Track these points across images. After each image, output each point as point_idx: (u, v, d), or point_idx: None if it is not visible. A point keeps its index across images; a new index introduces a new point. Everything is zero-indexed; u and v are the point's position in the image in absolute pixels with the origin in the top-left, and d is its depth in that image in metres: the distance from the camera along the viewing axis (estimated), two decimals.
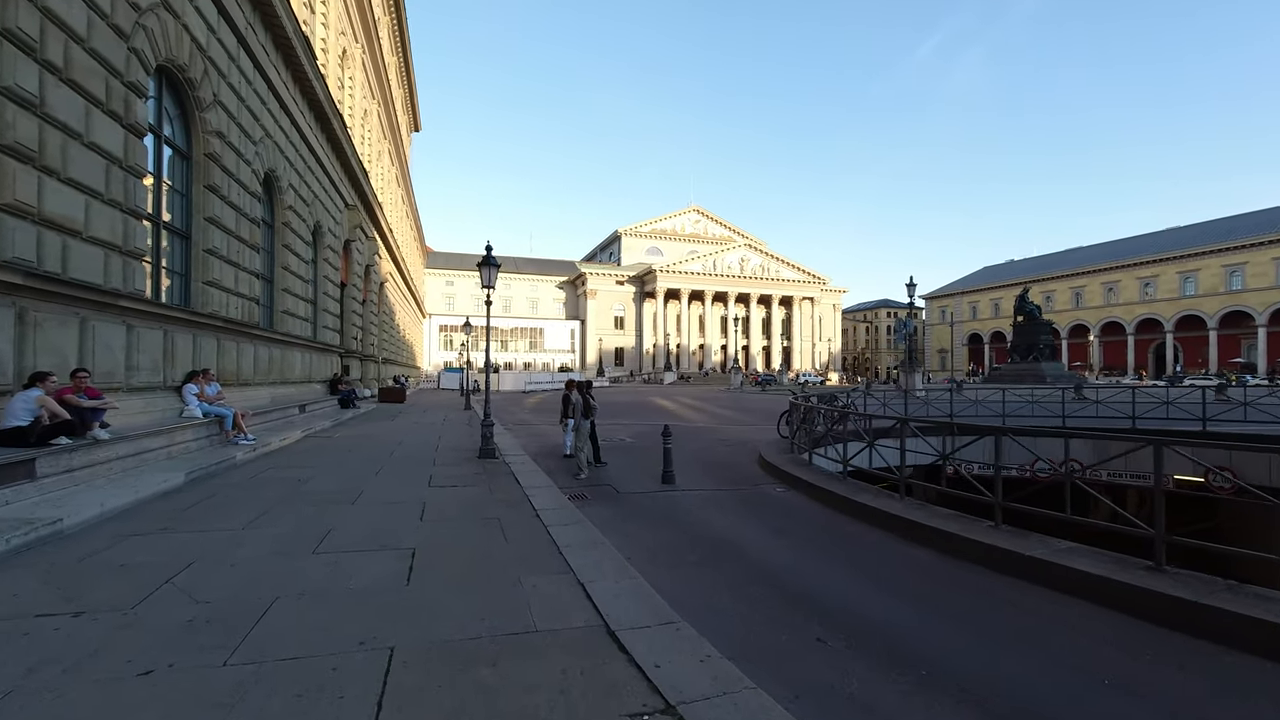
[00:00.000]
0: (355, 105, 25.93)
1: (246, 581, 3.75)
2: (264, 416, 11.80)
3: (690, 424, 17.65)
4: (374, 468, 8.36)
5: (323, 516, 5.54)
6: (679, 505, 7.02)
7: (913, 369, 28.85)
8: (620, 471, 9.33)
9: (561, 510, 6.04)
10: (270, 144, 13.62)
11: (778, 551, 5.37)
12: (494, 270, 10.08)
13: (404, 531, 5.08)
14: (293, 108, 15.08)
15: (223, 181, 10.97)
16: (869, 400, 14.63)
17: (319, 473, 7.81)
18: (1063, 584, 4.21)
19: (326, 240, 19.60)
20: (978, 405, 14.41)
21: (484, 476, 7.95)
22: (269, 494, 6.44)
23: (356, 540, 4.79)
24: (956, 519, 5.35)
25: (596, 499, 7.39)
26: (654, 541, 5.47)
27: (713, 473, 9.27)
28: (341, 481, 7.26)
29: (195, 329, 9.78)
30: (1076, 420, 13.06)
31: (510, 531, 5.16)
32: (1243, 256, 61.72)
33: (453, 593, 3.65)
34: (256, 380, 12.60)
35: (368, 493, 6.67)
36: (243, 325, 11.79)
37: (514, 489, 7.16)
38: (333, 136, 19.20)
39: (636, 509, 6.78)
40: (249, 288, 12.35)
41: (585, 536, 5.07)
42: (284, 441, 10.51)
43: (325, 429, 13.48)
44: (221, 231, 11.00)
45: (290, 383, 15.07)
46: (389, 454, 9.90)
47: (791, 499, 7.31)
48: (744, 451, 11.44)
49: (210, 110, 10.41)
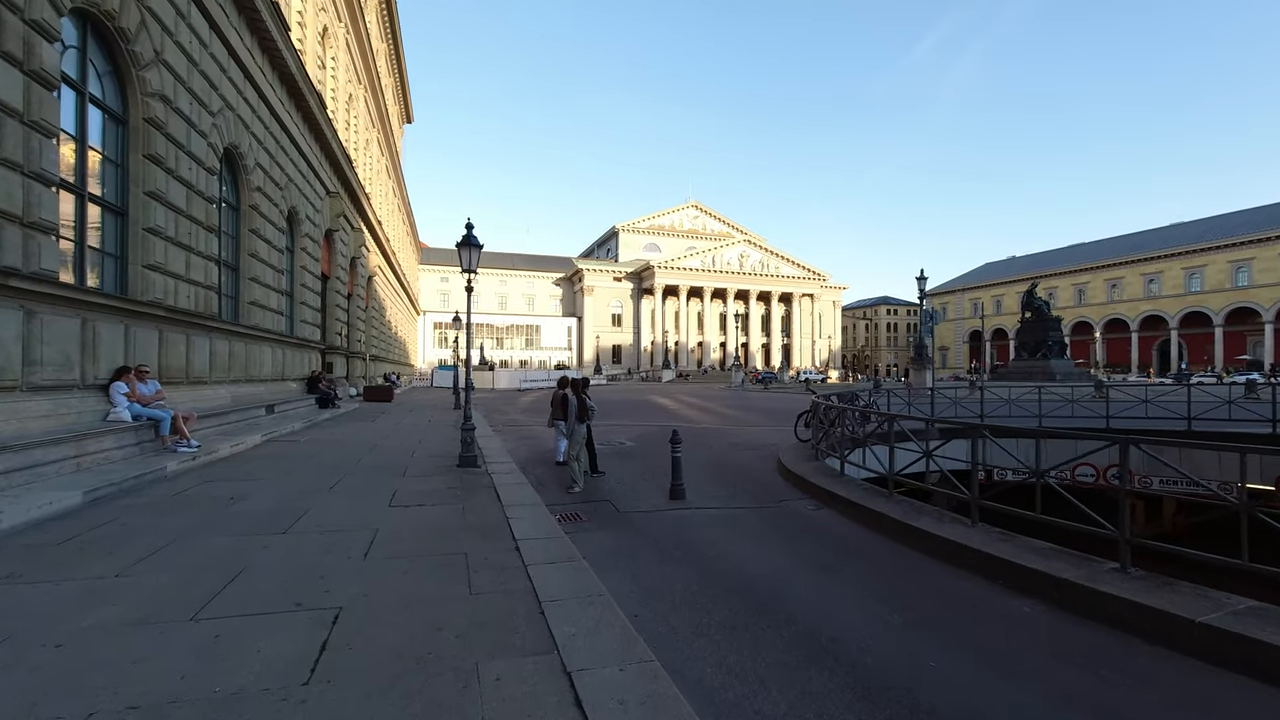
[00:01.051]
0: (339, 89, 24.56)
1: (52, 682, 2.47)
2: (220, 419, 10.50)
3: (695, 425, 16.41)
4: (331, 480, 7.09)
5: (238, 552, 4.28)
6: (693, 529, 5.77)
7: (924, 366, 27.63)
8: (621, 483, 8.08)
9: (548, 541, 4.78)
10: (232, 116, 12.30)
11: (837, 607, 3.99)
12: (475, 252, 8.80)
13: (336, 577, 3.82)
14: (260, 80, 13.75)
15: (168, 152, 9.66)
16: (892, 399, 13.40)
17: (261, 488, 6.53)
18: None
19: (304, 228, 18.26)
20: (1010, 405, 13.20)
21: (459, 492, 6.69)
22: (184, 519, 5.17)
23: (267, 593, 3.52)
24: (1084, 564, 3.97)
25: (593, 520, 6.14)
26: (667, 587, 4.19)
27: (728, 484, 8.03)
28: (283, 499, 5.98)
29: (129, 319, 8.48)
30: (1124, 422, 11.85)
31: (478, 577, 3.91)
32: (1250, 252, 60.79)
33: (372, 703, 2.39)
34: (214, 378, 11.29)
35: (310, 515, 5.40)
36: (196, 316, 10.49)
37: (493, 508, 5.90)
38: (310, 116, 17.86)
39: (642, 535, 5.53)
40: (205, 274, 11.04)
41: (577, 584, 3.82)
42: (237, 448, 9.22)
43: (293, 432, 12.19)
44: (167, 209, 9.69)
45: (258, 380, 13.76)
46: (355, 462, 8.63)
47: (829, 521, 6.06)
48: (760, 458, 10.20)
49: (151, 70, 9.09)
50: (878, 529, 5.52)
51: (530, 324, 76.57)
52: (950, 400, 13.49)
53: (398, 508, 5.84)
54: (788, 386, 48.96)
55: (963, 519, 5.11)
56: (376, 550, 4.43)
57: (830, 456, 8.57)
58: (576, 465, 7.44)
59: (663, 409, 22.55)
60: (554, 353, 74.71)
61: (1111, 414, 12.11)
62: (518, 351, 74.49)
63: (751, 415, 19.63)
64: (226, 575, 3.79)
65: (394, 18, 37.73)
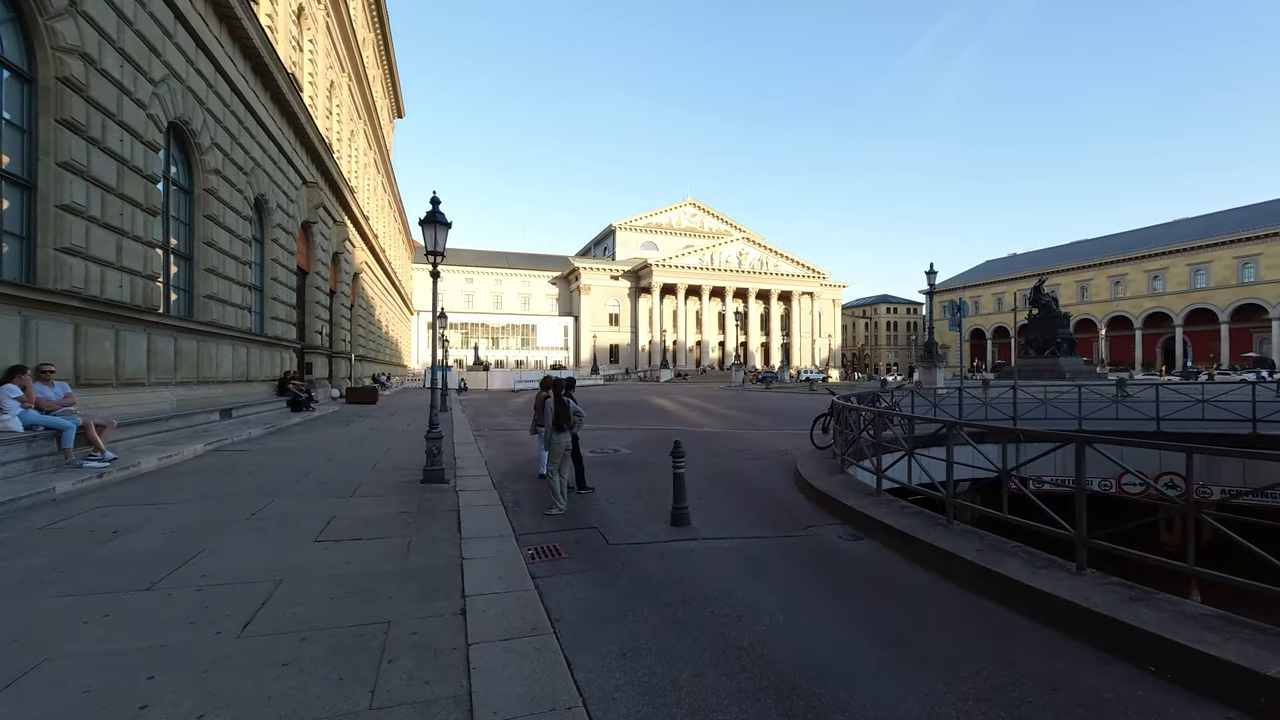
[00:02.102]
0: (318, 74, 23.25)
1: None
2: (156, 425, 9.20)
3: (696, 429, 15.14)
4: (258, 503, 5.81)
5: (59, 626, 3.01)
6: (703, 571, 4.50)
7: (934, 364, 26.39)
8: (612, 502, 6.80)
9: (509, 599, 3.52)
10: (180, 88, 11.00)
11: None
12: (441, 231, 7.51)
13: (169, 681, 2.54)
14: (218, 52, 12.45)
15: (91, 119, 8.38)
16: (916, 400, 12.13)
17: (162, 516, 5.25)
18: None
19: (276, 218, 16.96)
20: (1046, 406, 11.94)
21: (412, 518, 5.42)
22: (26, 564, 3.90)
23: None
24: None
25: (575, 556, 4.87)
26: (670, 678, 2.87)
27: (740, 504, 6.75)
28: (180, 533, 4.71)
29: (31, 309, 7.20)
30: (1175, 425, 10.64)
31: (393, 672, 2.64)
32: (1257, 248, 59.81)
33: None
34: (154, 379, 10.00)
35: (203, 558, 4.13)
36: (130, 309, 9.21)
37: (447, 543, 4.64)
38: (281, 99, 16.53)
39: (636, 582, 4.26)
40: (144, 262, 9.75)
41: (538, 685, 2.56)
42: (167, 460, 7.92)
43: (248, 439, 10.89)
44: (90, 184, 8.41)
45: (214, 382, 12.46)
46: (303, 477, 7.35)
47: (875, 558, 4.76)
48: (773, 469, 8.93)
49: (64, 21, 7.81)
50: (942, 571, 4.24)
51: (526, 323, 75.24)
52: (979, 401, 12.24)
53: (325, 544, 4.57)
54: (789, 386, 47.74)
55: (1060, 561, 3.86)
56: (263, 620, 3.15)
57: (854, 466, 7.34)
58: (558, 481, 6.16)
59: (661, 410, 21.29)
60: (550, 352, 73.41)
61: (1163, 416, 10.87)
62: (514, 351, 73.19)
63: (756, 417, 18.38)
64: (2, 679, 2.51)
65: (381, 8, 36.39)
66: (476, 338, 70.63)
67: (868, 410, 7.17)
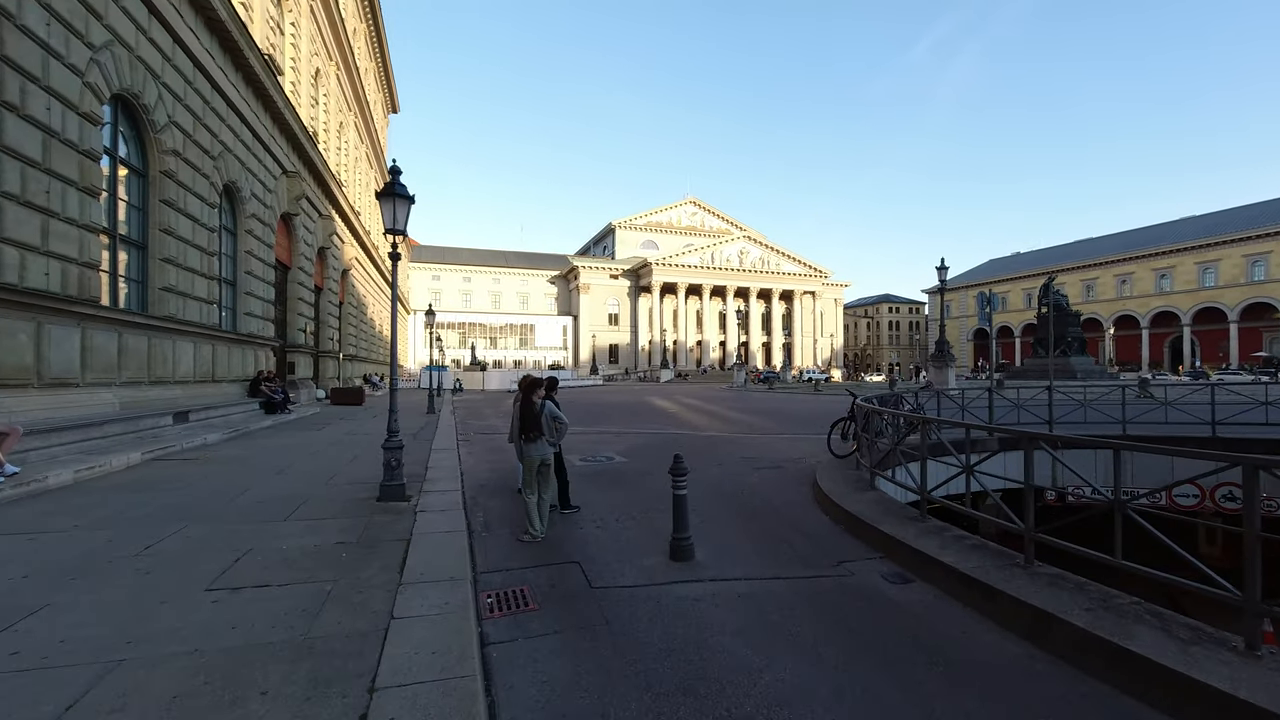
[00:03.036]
0: (301, 59, 22.17)
1: None
2: (87, 431, 8.11)
3: (699, 432, 14.04)
4: (162, 532, 4.71)
5: None
6: (711, 635, 3.38)
7: (945, 364, 25.28)
8: (601, 526, 5.69)
9: (434, 695, 2.43)
10: (127, 57, 9.93)
11: None
12: (401, 204, 6.41)
13: None
14: (175, 21, 11.38)
15: (1, 78, 7.30)
16: (942, 403, 11.01)
17: (29, 550, 4.16)
18: None
19: (250, 208, 15.88)
20: (1086, 408, 10.81)
21: (347, 552, 4.33)
22: None
23: None
24: None
25: (545, 606, 3.78)
26: None
27: (755, 529, 5.64)
28: (32, 576, 3.63)
29: None
30: (1232, 430, 9.55)
31: None
32: (1267, 245, 58.68)
33: None
34: (90, 379, 8.91)
35: (37, 617, 3.05)
36: (58, 300, 8.13)
37: (378, 592, 3.55)
38: (254, 79, 15.43)
39: (622, 653, 3.14)
40: (79, 248, 8.68)
41: None
42: (85, 473, 6.83)
43: (203, 445, 9.81)
44: (7, 157, 7.33)
45: (169, 382, 11.37)
46: (240, 494, 6.26)
47: (938, 615, 3.56)
48: (788, 481, 7.81)
49: None
50: (1036, 639, 3.10)
51: (525, 323, 74.17)
52: (1010, 403, 11.10)
53: (217, 593, 3.48)
54: (791, 386, 46.63)
55: (1207, 630, 2.77)
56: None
57: (884, 479, 6.27)
58: (532, 504, 5.07)
59: (661, 412, 20.19)
60: (549, 352, 72.34)
61: (1219, 419, 9.77)
62: (512, 351, 72.13)
63: (761, 419, 17.28)
64: None
65: None
66: (474, 337, 69.57)
67: (906, 414, 6.06)
